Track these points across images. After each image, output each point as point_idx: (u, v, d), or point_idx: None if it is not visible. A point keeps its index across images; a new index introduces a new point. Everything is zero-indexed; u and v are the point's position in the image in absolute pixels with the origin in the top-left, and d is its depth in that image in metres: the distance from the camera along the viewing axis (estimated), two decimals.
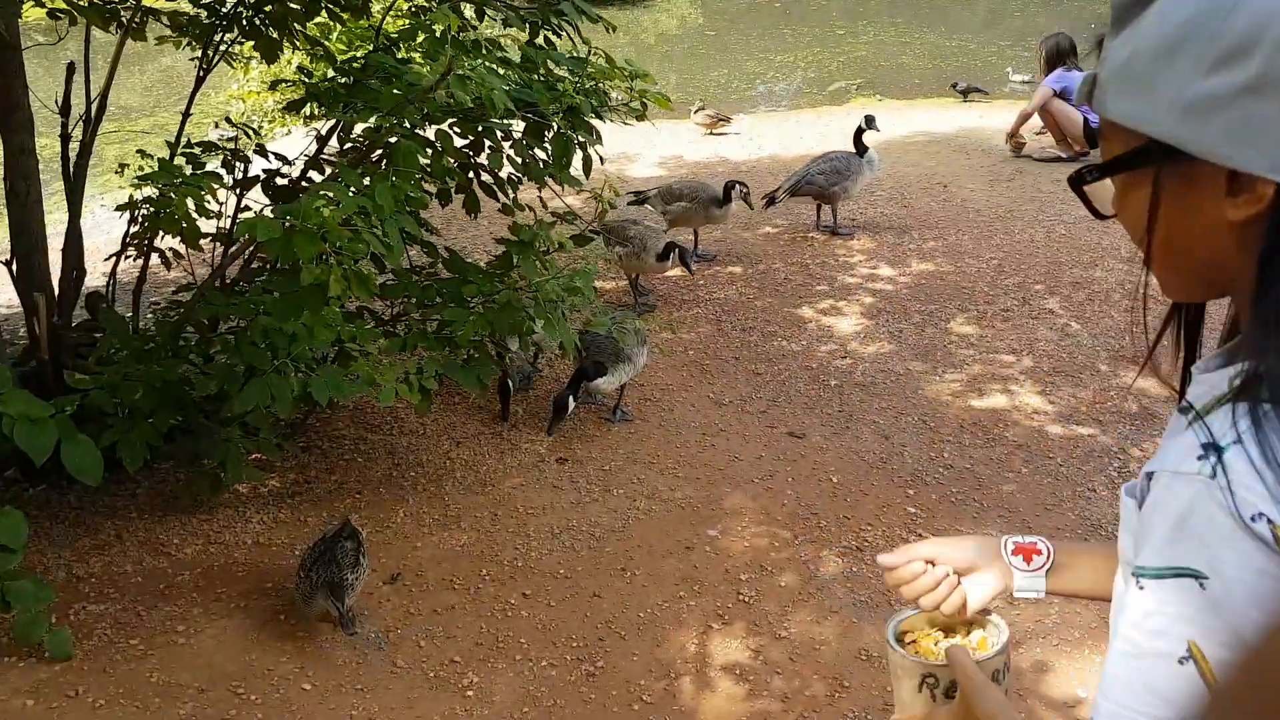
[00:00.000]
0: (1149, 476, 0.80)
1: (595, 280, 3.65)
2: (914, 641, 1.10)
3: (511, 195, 3.67)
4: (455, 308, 3.20)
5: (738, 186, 5.22)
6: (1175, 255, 0.83)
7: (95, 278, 4.29)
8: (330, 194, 2.73)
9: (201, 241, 3.35)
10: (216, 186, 3.19)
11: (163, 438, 3.12)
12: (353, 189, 2.83)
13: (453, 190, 3.54)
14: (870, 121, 5.75)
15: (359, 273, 2.66)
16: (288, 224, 2.67)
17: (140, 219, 3.46)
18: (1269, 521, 0.71)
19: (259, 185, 3.65)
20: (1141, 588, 0.78)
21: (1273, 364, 0.75)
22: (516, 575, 3.14)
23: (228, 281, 3.68)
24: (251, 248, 3.51)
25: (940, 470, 3.66)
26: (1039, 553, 1.16)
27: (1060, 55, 6.97)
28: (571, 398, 3.72)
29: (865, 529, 3.33)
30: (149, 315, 3.76)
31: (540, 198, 3.80)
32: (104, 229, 5.79)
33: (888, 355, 4.50)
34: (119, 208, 3.49)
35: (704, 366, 4.44)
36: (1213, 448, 0.75)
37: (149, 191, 3.19)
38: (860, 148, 5.66)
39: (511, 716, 2.62)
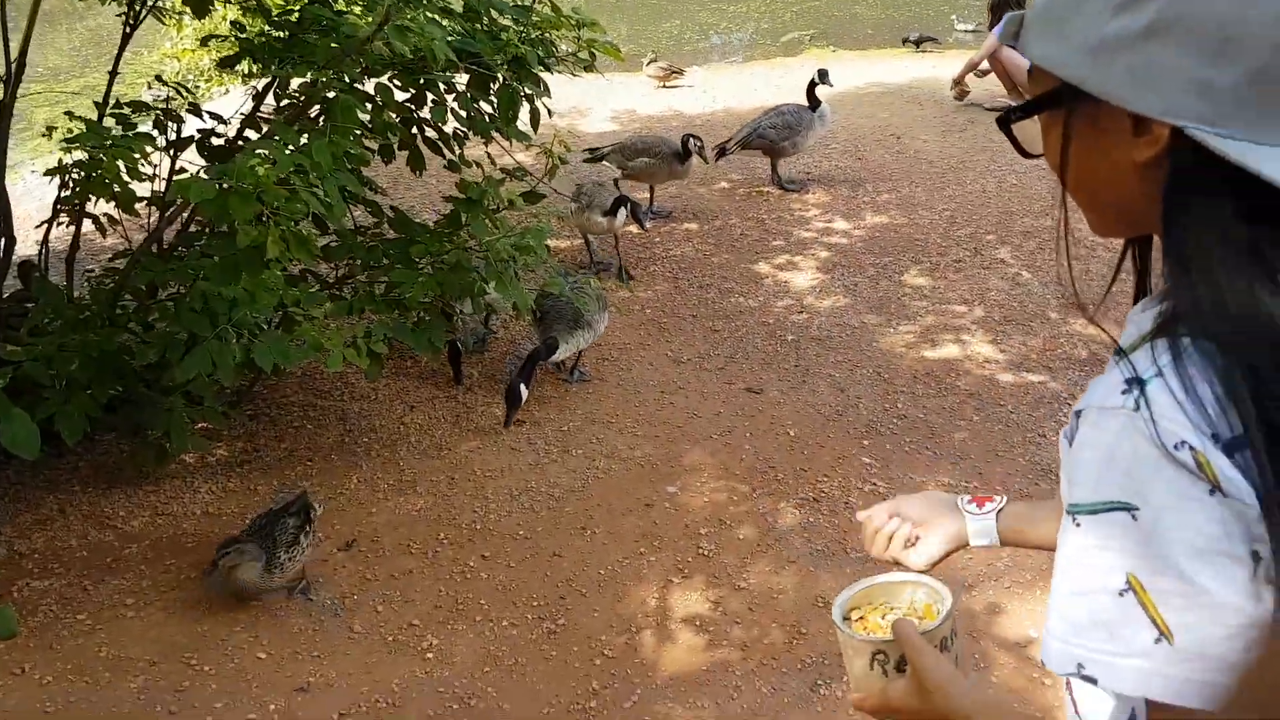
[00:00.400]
0: (1078, 415, 0.82)
1: (549, 239, 3.59)
2: (862, 618, 1.10)
3: (457, 151, 3.58)
4: (403, 269, 3.13)
5: (692, 140, 5.16)
6: (1086, 194, 0.87)
7: (28, 246, 4.15)
8: (266, 152, 2.64)
9: (136, 206, 3.24)
10: (149, 149, 3.08)
11: (102, 409, 3.03)
12: (290, 147, 2.73)
13: (395, 146, 3.45)
14: (823, 76, 5.70)
15: (298, 234, 2.58)
16: (223, 185, 2.59)
17: (70, 183, 3.33)
18: (1191, 449, 0.73)
19: (194, 146, 3.53)
20: (1078, 524, 0.79)
21: (1183, 301, 0.78)
22: (475, 538, 3.11)
23: (165, 247, 3.57)
24: (188, 211, 3.40)
25: (894, 421, 3.69)
26: (992, 500, 1.22)
27: (1005, 3, 6.95)
28: (523, 385, 3.58)
29: (822, 480, 3.35)
30: (85, 284, 3.63)
31: (488, 153, 3.71)
32: (35, 195, 5.60)
33: (843, 309, 4.51)
34: (48, 172, 3.35)
35: (661, 325, 4.41)
36: (1135, 381, 0.77)
37: (79, 155, 3.07)
38: (813, 101, 5.62)
39: (472, 676, 2.61)
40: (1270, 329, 0.74)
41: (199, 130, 3.55)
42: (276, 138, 2.81)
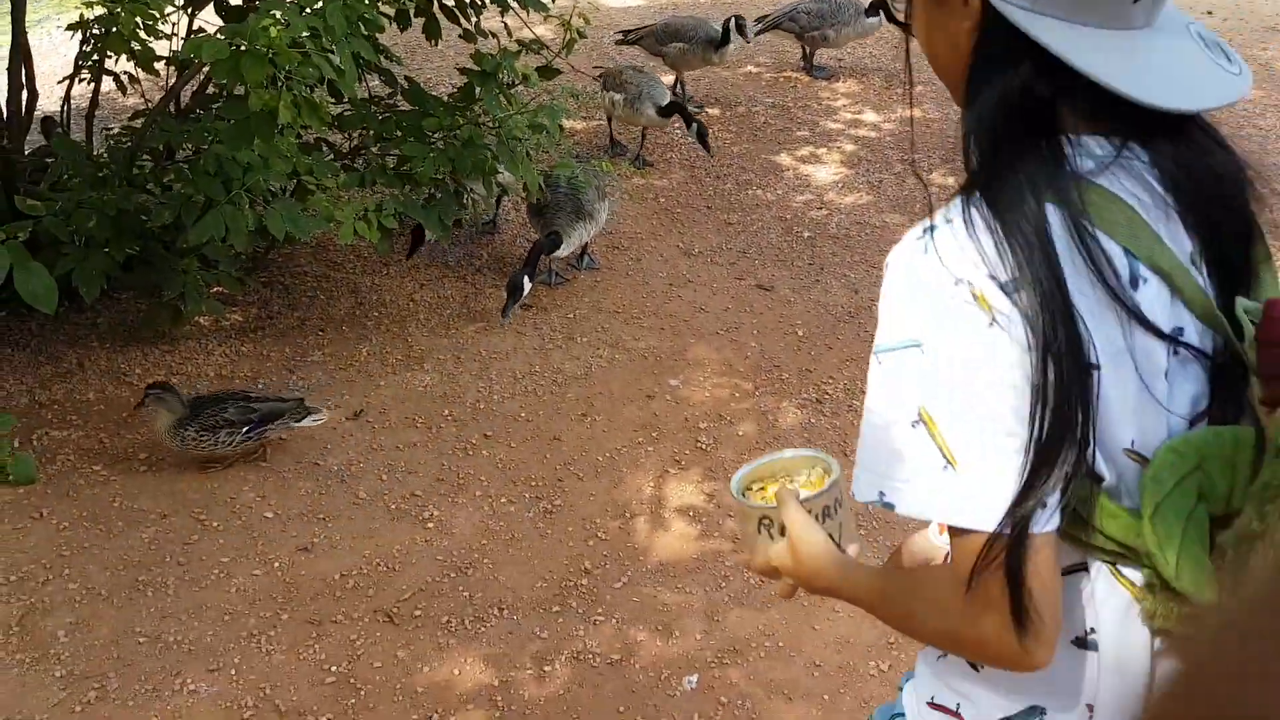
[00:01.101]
0: (888, 267, 0.89)
1: (564, 119, 3.52)
2: (762, 489, 1.15)
3: (474, 20, 3.48)
4: (415, 143, 3.09)
5: (735, 20, 4.88)
6: (937, 65, 0.94)
7: (51, 102, 4.13)
8: (279, 14, 2.58)
9: (156, 65, 3.21)
10: (168, 6, 3.03)
11: (120, 267, 3.08)
12: (305, 9, 2.67)
13: (412, 12, 3.35)
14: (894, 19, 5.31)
15: (310, 100, 2.55)
16: (235, 46, 2.55)
17: (91, 39, 3.29)
18: (969, 284, 0.81)
19: (211, 5, 3.46)
20: (880, 363, 0.86)
21: (969, 160, 0.86)
22: (478, 417, 3.17)
23: (183, 108, 3.54)
24: (205, 73, 3.36)
25: None
26: None
27: None
28: (527, 278, 3.50)
29: (827, 382, 3.36)
30: (104, 142, 3.63)
31: (505, 24, 3.61)
32: (61, 51, 5.53)
33: (865, 207, 4.42)
34: (70, 27, 3.32)
35: (674, 215, 4.35)
36: (929, 229, 0.85)
37: (100, 10, 3.03)
38: (872, 9, 5.27)
39: (470, 547, 2.70)
40: (1028, 198, 0.81)
41: None
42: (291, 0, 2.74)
